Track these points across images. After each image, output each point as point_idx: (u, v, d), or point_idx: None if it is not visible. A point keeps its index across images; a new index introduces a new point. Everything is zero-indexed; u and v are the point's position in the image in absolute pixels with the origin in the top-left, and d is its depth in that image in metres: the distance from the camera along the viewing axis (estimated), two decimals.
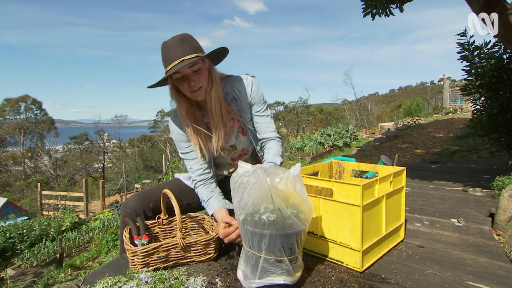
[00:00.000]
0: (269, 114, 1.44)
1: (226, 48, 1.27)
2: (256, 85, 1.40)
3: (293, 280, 0.96)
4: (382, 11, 2.99)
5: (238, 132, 1.44)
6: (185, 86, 1.23)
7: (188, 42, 1.22)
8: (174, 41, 1.20)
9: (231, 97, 1.36)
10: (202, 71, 1.23)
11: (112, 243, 4.77)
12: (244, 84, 1.38)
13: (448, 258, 1.21)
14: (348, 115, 28.72)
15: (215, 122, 1.31)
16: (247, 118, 1.41)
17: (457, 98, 16.57)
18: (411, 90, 78.77)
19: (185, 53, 1.18)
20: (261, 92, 1.42)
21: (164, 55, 1.21)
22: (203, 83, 1.24)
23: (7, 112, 29.98)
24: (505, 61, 2.66)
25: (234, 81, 1.38)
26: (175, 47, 1.19)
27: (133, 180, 17.40)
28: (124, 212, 1.37)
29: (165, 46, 1.22)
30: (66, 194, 11.40)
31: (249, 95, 1.38)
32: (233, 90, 1.37)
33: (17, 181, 23.10)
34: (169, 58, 1.19)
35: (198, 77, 1.22)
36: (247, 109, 1.40)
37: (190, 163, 1.39)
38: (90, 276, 1.14)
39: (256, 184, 0.93)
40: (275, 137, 1.42)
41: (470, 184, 2.55)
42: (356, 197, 1.07)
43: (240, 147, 1.47)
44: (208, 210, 1.36)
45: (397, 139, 9.24)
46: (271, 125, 1.44)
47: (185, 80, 1.22)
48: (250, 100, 1.39)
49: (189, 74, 1.21)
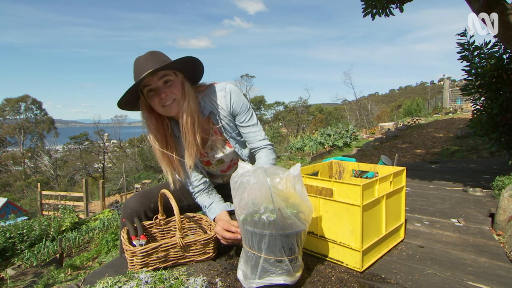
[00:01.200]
0: (255, 123, 1.36)
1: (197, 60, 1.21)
2: (236, 95, 1.32)
3: (293, 280, 0.96)
4: (382, 11, 2.99)
5: (224, 145, 1.40)
6: (156, 101, 1.18)
7: (159, 56, 1.20)
8: (144, 56, 1.20)
9: (208, 111, 1.31)
10: (175, 83, 1.19)
11: (112, 243, 4.77)
12: (220, 95, 1.31)
13: (448, 258, 1.21)
14: (348, 115, 28.75)
15: (186, 138, 1.24)
16: (230, 130, 1.36)
17: (457, 98, 16.58)
18: (411, 90, 78.87)
19: (154, 65, 1.15)
20: (242, 101, 1.33)
21: (135, 70, 1.19)
22: (176, 96, 1.19)
23: (7, 112, 30.01)
24: (505, 61, 2.66)
25: (211, 93, 1.32)
26: (145, 61, 1.17)
27: (133, 180, 17.40)
28: (124, 213, 1.37)
29: (137, 61, 1.20)
30: (66, 194, 11.38)
31: (229, 107, 1.32)
32: (211, 103, 1.31)
33: (17, 181, 23.10)
34: (139, 72, 1.15)
35: (170, 89, 1.18)
36: (228, 120, 1.34)
37: (183, 177, 1.36)
38: (90, 276, 1.14)
39: (256, 184, 0.93)
40: (265, 145, 1.36)
41: (470, 184, 2.55)
42: (356, 197, 1.07)
43: (228, 159, 1.44)
44: (210, 215, 1.33)
45: (397, 139, 9.25)
46: (259, 134, 1.36)
47: (156, 94, 1.18)
48: (231, 111, 1.33)
49: (160, 86, 1.17)
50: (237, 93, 1.34)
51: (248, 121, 1.35)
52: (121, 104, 1.22)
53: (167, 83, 1.18)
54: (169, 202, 1.16)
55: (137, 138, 33.40)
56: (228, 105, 1.32)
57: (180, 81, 1.21)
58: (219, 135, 1.37)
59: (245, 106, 1.35)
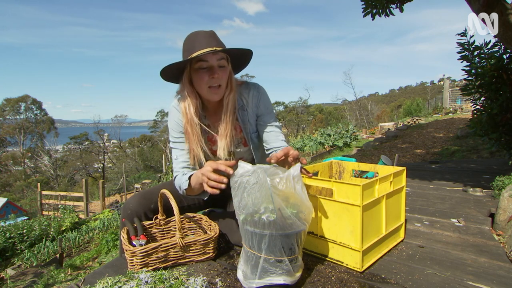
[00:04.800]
0: (278, 125, 1.38)
1: (251, 52, 1.22)
2: (266, 96, 1.35)
3: (293, 280, 0.96)
4: (382, 11, 2.99)
5: (240, 143, 1.38)
6: (205, 78, 1.17)
7: (219, 38, 1.19)
8: (206, 32, 1.18)
9: (239, 105, 1.32)
10: (226, 70, 1.19)
11: (112, 243, 4.77)
12: (253, 93, 1.32)
13: (448, 258, 1.21)
14: (348, 115, 28.75)
15: (225, 129, 1.25)
16: (251, 129, 1.35)
17: (457, 98, 16.57)
18: (411, 90, 78.89)
19: (217, 45, 1.15)
20: (270, 103, 1.37)
21: (195, 41, 1.16)
22: (223, 82, 1.20)
23: (7, 112, 30.01)
24: (505, 61, 2.66)
25: (244, 89, 1.32)
26: (208, 38, 1.15)
27: (133, 180, 17.41)
28: (124, 214, 1.36)
29: (196, 34, 1.18)
30: (66, 194, 11.39)
31: (256, 105, 1.33)
32: (241, 98, 1.32)
33: (17, 181, 23.11)
34: (200, 45, 1.14)
35: (222, 73, 1.17)
36: (253, 120, 1.35)
37: (177, 153, 1.32)
38: (90, 276, 1.14)
39: (256, 184, 0.93)
40: (286, 145, 1.35)
41: (470, 184, 2.55)
42: (356, 197, 1.07)
43: (238, 157, 1.43)
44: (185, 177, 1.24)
45: (397, 139, 9.24)
46: (281, 135, 1.37)
47: (208, 72, 1.16)
48: (257, 111, 1.34)
49: (215, 66, 1.16)
50: (266, 94, 1.36)
51: (272, 122, 1.37)
52: (164, 72, 1.20)
53: (221, 67, 1.18)
54: (169, 202, 1.15)
55: (137, 138, 33.44)
56: (256, 104, 1.33)
57: (229, 69, 1.21)
58: (238, 132, 1.36)
59: (271, 107, 1.38)
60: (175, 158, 1.33)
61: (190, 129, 1.26)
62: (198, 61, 1.16)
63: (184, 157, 1.31)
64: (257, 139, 1.40)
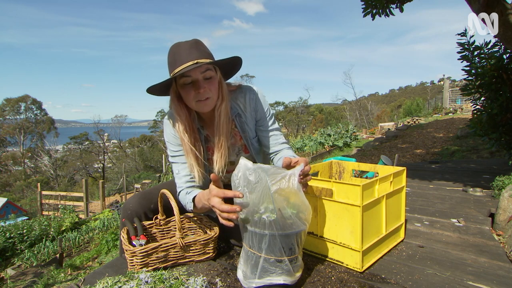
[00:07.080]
0: (278, 127, 1.34)
1: (240, 59, 1.17)
2: (263, 99, 1.30)
3: (293, 280, 0.96)
4: (382, 11, 2.99)
5: (240, 150, 1.34)
6: (191, 94, 1.12)
7: (203, 47, 1.14)
8: (188, 43, 1.13)
9: (235, 112, 1.27)
10: (214, 80, 1.14)
11: (112, 243, 4.77)
12: (249, 97, 1.27)
13: (448, 258, 1.21)
14: (348, 115, 28.75)
15: (219, 141, 1.21)
16: (251, 135, 1.31)
17: (457, 98, 16.57)
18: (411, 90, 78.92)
19: (200, 56, 1.09)
20: (267, 106, 1.32)
21: (176, 55, 1.11)
22: (212, 94, 1.15)
23: (7, 112, 30.00)
24: (505, 61, 2.66)
25: (239, 94, 1.27)
26: (189, 49, 1.10)
27: (133, 180, 17.39)
28: (124, 214, 1.36)
29: (178, 46, 1.12)
30: (66, 194, 11.39)
31: (254, 109, 1.29)
32: (237, 104, 1.27)
33: (17, 181, 23.10)
34: (180, 59, 1.09)
35: (209, 85, 1.13)
36: (252, 125, 1.31)
37: (178, 168, 1.28)
38: (90, 276, 1.14)
39: (256, 183, 0.93)
40: (287, 147, 1.34)
41: (470, 184, 2.55)
42: (356, 197, 1.07)
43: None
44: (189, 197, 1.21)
45: (397, 139, 9.24)
46: (281, 138, 1.33)
47: (193, 86, 1.12)
48: (255, 115, 1.30)
49: (200, 80, 1.11)
50: (263, 97, 1.31)
51: (272, 126, 1.33)
52: (151, 89, 1.15)
53: (207, 79, 1.13)
54: (169, 202, 1.15)
55: (137, 138, 33.43)
56: (255, 108, 1.29)
57: (218, 79, 1.16)
58: (238, 139, 1.32)
59: (269, 110, 1.32)
60: (177, 172, 1.29)
61: (184, 146, 1.23)
62: (182, 77, 1.11)
63: (186, 171, 1.27)
64: (258, 143, 1.38)
